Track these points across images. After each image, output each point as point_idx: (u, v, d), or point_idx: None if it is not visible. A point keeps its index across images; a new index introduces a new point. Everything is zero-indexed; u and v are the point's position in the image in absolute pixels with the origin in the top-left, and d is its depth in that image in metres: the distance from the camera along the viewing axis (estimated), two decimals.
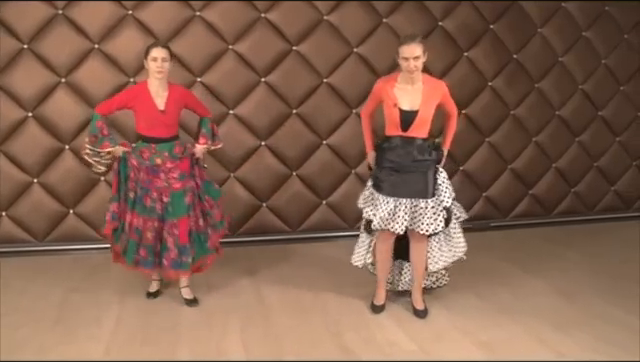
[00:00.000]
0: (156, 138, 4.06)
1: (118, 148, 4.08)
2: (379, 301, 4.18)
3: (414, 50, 3.70)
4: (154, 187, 4.08)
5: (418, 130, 3.85)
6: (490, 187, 6.19)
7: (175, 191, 4.10)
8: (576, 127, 6.29)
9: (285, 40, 5.43)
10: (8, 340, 3.67)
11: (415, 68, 3.74)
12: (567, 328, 3.89)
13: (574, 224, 6.35)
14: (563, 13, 5.99)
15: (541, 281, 4.73)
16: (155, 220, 4.11)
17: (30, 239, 5.33)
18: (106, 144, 4.05)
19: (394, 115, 3.84)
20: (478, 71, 5.88)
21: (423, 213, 3.88)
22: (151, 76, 4.04)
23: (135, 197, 4.11)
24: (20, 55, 5.02)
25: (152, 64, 3.99)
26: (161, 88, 4.05)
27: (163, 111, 4.04)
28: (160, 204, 4.10)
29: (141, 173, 4.08)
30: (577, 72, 6.15)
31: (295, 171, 5.68)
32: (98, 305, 4.22)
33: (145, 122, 4.06)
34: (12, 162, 5.16)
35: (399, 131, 3.86)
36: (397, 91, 3.84)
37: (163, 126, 4.06)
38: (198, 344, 3.68)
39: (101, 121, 4.04)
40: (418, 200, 3.87)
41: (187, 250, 4.14)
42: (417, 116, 3.80)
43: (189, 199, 4.15)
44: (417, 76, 3.81)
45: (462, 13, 5.72)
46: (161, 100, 4.04)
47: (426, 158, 3.89)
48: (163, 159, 4.07)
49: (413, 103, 3.81)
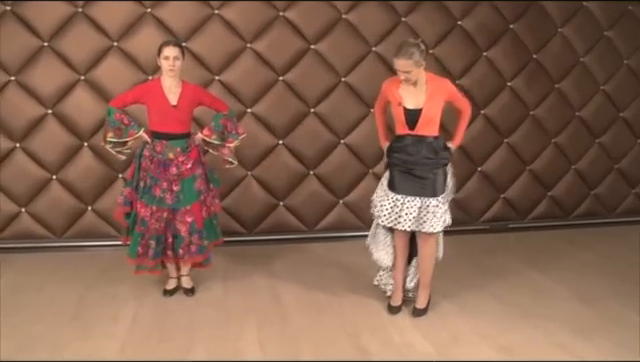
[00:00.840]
0: (168, 134, 4.08)
1: (143, 133, 4.12)
2: (396, 302, 4.16)
3: (404, 65, 3.72)
4: (164, 177, 4.09)
5: (426, 128, 3.87)
6: (508, 188, 6.14)
7: (185, 178, 4.13)
8: (596, 128, 6.22)
9: (303, 39, 5.41)
10: (24, 336, 3.69)
11: (406, 80, 3.79)
12: (587, 333, 3.84)
13: (593, 227, 6.28)
14: (584, 12, 5.92)
15: (560, 284, 4.67)
16: (165, 210, 4.13)
17: (48, 235, 5.37)
18: (132, 132, 4.11)
19: (400, 114, 3.89)
20: (497, 71, 5.82)
21: (431, 211, 3.87)
22: (164, 74, 4.08)
23: (144, 186, 4.14)
24: (40, 53, 5.06)
25: (164, 62, 4.04)
26: (174, 85, 4.10)
27: (175, 106, 4.07)
28: (170, 194, 4.12)
29: (152, 164, 4.11)
30: (598, 72, 6.08)
31: (312, 170, 5.67)
32: (115, 302, 4.23)
33: (157, 117, 4.09)
34: (32, 159, 5.20)
35: (407, 129, 3.90)
36: (402, 91, 3.88)
37: (175, 122, 4.08)
38: (214, 343, 3.67)
39: (119, 113, 4.09)
40: (427, 199, 3.87)
41: (203, 234, 4.22)
42: (422, 114, 3.83)
43: (199, 185, 4.19)
44: (419, 78, 3.82)
45: (481, 12, 5.68)
46: (174, 96, 4.08)
47: (436, 157, 3.89)
48: (175, 154, 4.10)
49: (417, 101, 3.84)
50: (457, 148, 4.13)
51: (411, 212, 3.88)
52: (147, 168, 4.13)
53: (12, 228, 5.30)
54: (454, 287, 4.48)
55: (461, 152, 5.75)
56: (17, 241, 5.31)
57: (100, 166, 5.27)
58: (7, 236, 5.30)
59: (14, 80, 5.06)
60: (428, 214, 3.89)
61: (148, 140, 4.13)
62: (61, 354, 3.50)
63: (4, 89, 5.05)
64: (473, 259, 5.17)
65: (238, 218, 5.57)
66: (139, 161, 4.17)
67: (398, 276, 4.16)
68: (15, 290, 4.43)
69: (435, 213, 3.88)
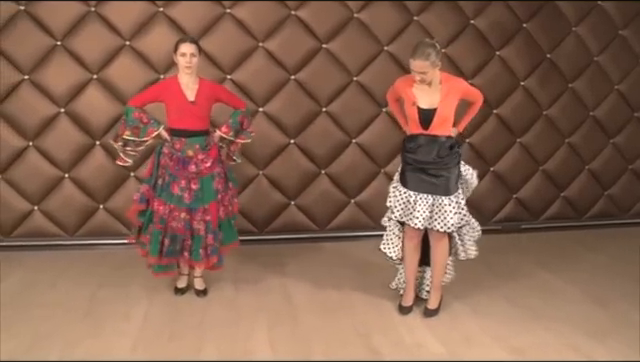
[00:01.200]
0: (187, 131, 4.08)
1: (162, 131, 4.12)
2: (407, 302, 4.15)
3: (420, 66, 3.71)
4: (183, 175, 4.09)
5: (439, 128, 3.85)
6: (521, 189, 6.10)
7: (204, 176, 4.12)
8: (611, 128, 6.16)
9: (315, 38, 5.41)
10: (36, 332, 3.72)
11: (422, 81, 3.78)
12: (599, 335, 3.80)
13: (607, 228, 6.22)
14: (599, 11, 5.86)
15: (572, 286, 4.63)
16: (183, 210, 4.12)
17: (61, 233, 5.40)
18: (151, 130, 4.10)
19: (413, 113, 3.87)
20: (510, 70, 5.78)
21: (444, 210, 3.86)
22: (181, 71, 4.09)
23: (163, 184, 4.14)
24: (53, 52, 5.08)
25: (181, 59, 4.04)
26: (191, 81, 4.11)
27: (193, 102, 4.08)
28: (189, 193, 4.11)
29: (171, 161, 4.10)
30: (613, 72, 6.02)
31: (324, 169, 5.66)
32: (126, 300, 4.25)
33: (175, 114, 4.09)
34: (44, 157, 5.22)
35: (420, 129, 3.88)
36: (416, 90, 3.86)
37: (194, 118, 4.08)
38: (225, 342, 3.67)
39: (137, 111, 4.09)
40: (440, 197, 3.86)
41: (217, 235, 4.22)
42: (436, 114, 3.81)
43: (217, 184, 4.19)
44: (434, 78, 3.81)
45: (494, 11, 5.64)
46: (191, 92, 4.09)
47: (449, 156, 3.87)
48: (194, 151, 4.10)
49: (432, 101, 3.83)
50: (469, 147, 4.11)
51: (424, 210, 3.86)
52: (166, 165, 4.12)
53: (25, 226, 5.33)
54: (466, 288, 4.46)
55: (473, 152, 5.73)
56: (30, 239, 5.34)
57: (112, 165, 5.27)
58: (20, 234, 5.34)
59: (27, 79, 5.08)
60: (440, 212, 3.87)
61: (167, 138, 4.12)
62: (73, 351, 3.52)
63: (18, 88, 5.08)
64: (485, 260, 5.10)
65: (249, 217, 5.57)
66: (158, 158, 4.17)
67: (410, 277, 4.14)
68: (27, 287, 4.46)
69: (447, 211, 3.86)
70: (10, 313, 3.98)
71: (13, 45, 5.01)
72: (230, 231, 4.35)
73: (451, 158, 3.88)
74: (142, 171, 5.17)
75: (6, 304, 4.13)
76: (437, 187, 3.87)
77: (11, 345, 3.54)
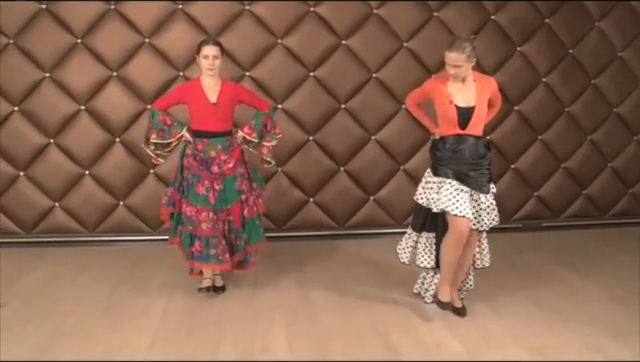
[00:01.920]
0: (209, 132, 4.09)
1: (186, 133, 4.14)
2: (446, 298, 4.01)
3: (456, 58, 3.66)
4: (206, 175, 4.09)
5: (475, 127, 3.80)
6: (542, 186, 6.02)
7: (227, 177, 4.13)
8: (634, 125, 6.06)
9: (334, 34, 5.38)
10: (57, 327, 3.75)
11: (455, 75, 3.72)
12: (622, 336, 3.73)
13: (630, 226, 6.12)
14: (623, 6, 5.77)
15: (595, 286, 4.56)
16: (210, 210, 4.10)
17: (81, 230, 5.45)
18: (175, 132, 4.13)
19: (450, 113, 3.77)
20: (532, 66, 5.71)
21: (485, 209, 3.84)
22: (203, 73, 4.09)
23: (187, 185, 4.15)
24: (73, 50, 5.12)
25: (204, 61, 4.04)
26: (213, 83, 4.11)
27: (215, 104, 4.08)
28: (213, 193, 4.11)
29: (195, 162, 4.11)
30: (637, 67, 5.92)
31: (343, 166, 5.64)
32: (146, 296, 4.27)
33: (198, 115, 4.10)
34: (65, 154, 5.27)
35: (457, 129, 3.79)
36: (450, 89, 3.79)
37: (216, 119, 4.09)
38: (242, 339, 3.67)
39: (162, 114, 4.12)
40: (478, 194, 3.83)
41: (241, 234, 4.23)
42: (474, 112, 3.76)
43: (239, 184, 4.19)
44: (467, 75, 3.76)
45: (515, 7, 5.57)
46: (213, 94, 4.09)
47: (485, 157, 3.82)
48: (217, 152, 4.10)
49: (469, 99, 3.77)
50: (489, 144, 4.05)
51: (465, 199, 3.74)
52: (189, 166, 4.13)
53: (46, 222, 5.39)
54: (485, 287, 4.40)
55: (494, 149, 5.65)
56: (51, 235, 5.40)
57: (132, 161, 5.32)
58: (41, 230, 5.40)
59: (48, 77, 5.13)
60: (479, 211, 3.84)
61: (190, 139, 4.13)
62: (92, 346, 3.54)
63: (39, 86, 5.13)
64: (505, 258, 5.08)
65: (268, 214, 5.55)
66: (182, 160, 4.18)
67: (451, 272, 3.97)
68: (48, 283, 4.51)
69: (484, 209, 3.84)
70: (31, 308, 4.03)
71: (34, 43, 5.06)
72: (255, 231, 4.34)
73: (487, 159, 3.83)
74: (161, 168, 5.20)
75: (27, 299, 4.18)
76: (475, 185, 3.79)
77: (32, 340, 3.57)
